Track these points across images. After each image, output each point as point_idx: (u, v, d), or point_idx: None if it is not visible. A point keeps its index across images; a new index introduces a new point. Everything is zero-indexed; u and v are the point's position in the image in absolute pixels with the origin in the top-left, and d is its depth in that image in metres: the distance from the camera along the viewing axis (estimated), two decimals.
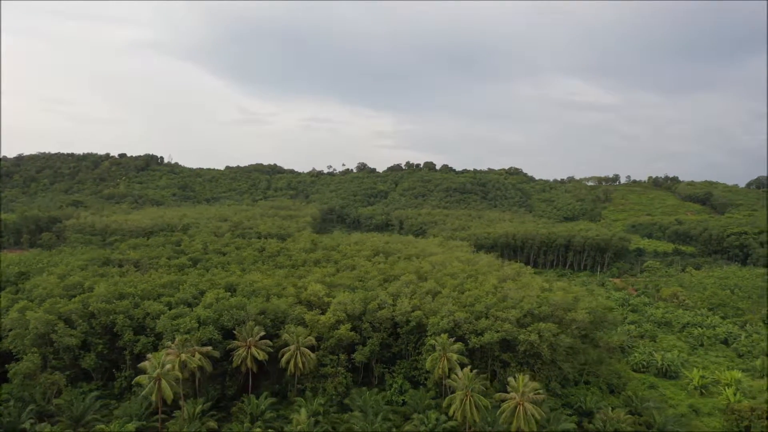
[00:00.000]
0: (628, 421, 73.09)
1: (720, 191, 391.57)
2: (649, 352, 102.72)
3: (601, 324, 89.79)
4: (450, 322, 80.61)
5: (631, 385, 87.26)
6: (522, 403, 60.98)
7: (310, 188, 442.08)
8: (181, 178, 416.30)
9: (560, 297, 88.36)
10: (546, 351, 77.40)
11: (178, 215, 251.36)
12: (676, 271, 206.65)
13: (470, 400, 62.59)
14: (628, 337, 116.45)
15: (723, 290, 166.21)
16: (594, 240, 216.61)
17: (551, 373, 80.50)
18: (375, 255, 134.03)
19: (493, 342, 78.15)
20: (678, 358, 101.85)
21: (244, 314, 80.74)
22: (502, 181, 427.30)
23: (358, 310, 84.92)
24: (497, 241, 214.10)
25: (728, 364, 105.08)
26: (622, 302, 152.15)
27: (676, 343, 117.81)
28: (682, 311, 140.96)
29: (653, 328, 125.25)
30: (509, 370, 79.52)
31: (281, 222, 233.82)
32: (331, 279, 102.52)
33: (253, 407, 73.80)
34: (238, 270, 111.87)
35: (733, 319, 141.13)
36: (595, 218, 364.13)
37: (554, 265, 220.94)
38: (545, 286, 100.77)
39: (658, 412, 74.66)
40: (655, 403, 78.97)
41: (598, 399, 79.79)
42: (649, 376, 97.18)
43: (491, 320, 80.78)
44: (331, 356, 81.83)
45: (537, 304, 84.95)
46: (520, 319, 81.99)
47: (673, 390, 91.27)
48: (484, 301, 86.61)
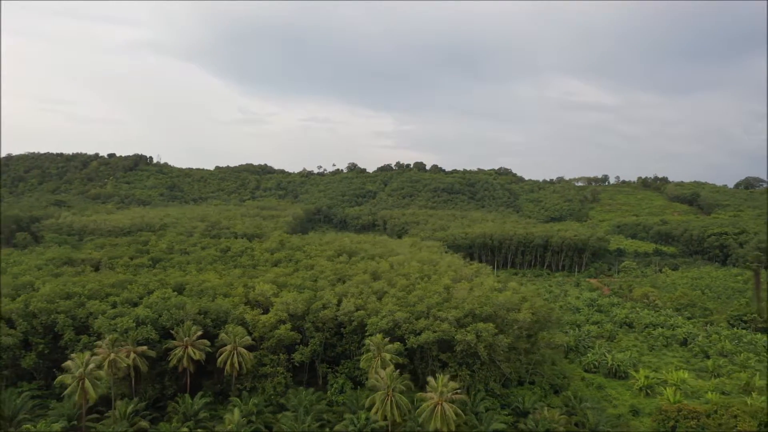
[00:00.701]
0: (561, 421, 73.01)
1: (708, 192, 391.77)
2: (602, 353, 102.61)
3: (545, 324, 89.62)
4: (389, 322, 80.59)
5: (574, 386, 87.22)
6: (441, 402, 60.93)
7: (299, 188, 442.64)
8: (170, 178, 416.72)
9: (505, 297, 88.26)
10: (483, 351, 77.33)
11: (161, 215, 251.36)
12: (652, 272, 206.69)
13: (391, 399, 62.56)
14: (587, 337, 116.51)
15: (694, 290, 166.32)
16: (572, 240, 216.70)
17: (490, 373, 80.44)
18: (338, 255, 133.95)
19: (431, 342, 78.10)
20: (630, 358, 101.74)
21: (183, 314, 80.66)
22: (491, 182, 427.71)
23: (300, 310, 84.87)
24: (474, 242, 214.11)
25: (682, 364, 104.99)
26: (589, 302, 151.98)
27: (635, 344, 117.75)
28: (647, 312, 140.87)
29: (614, 328, 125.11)
30: (448, 370, 79.49)
31: (261, 222, 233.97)
32: (284, 279, 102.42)
33: (186, 407, 73.76)
34: (195, 270, 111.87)
35: (699, 319, 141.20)
36: (581, 218, 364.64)
37: (532, 265, 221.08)
38: (497, 286, 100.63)
39: (592, 413, 74.58)
40: (592, 404, 78.94)
41: (537, 399, 79.73)
42: (598, 377, 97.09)
43: (431, 320, 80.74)
44: (271, 356, 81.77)
45: (479, 305, 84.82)
46: (460, 319, 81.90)
47: (619, 390, 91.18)
48: (427, 302, 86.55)
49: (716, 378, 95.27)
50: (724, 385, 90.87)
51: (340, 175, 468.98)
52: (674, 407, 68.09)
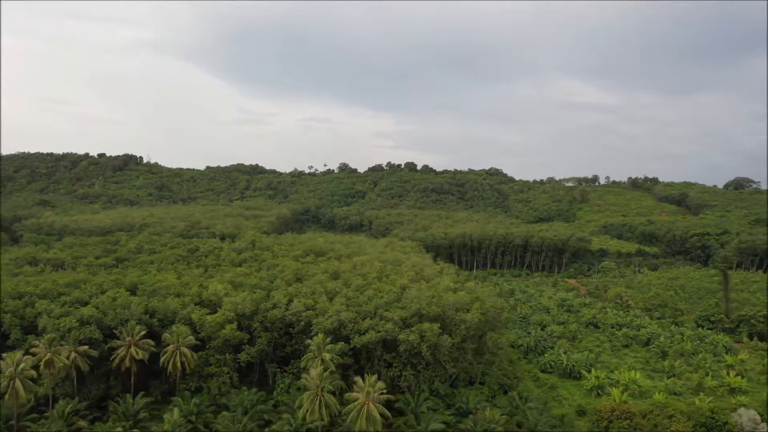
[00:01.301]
0: (501, 421, 72.95)
1: (696, 192, 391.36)
2: (559, 353, 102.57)
3: (493, 324, 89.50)
4: (335, 322, 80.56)
5: (523, 386, 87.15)
6: (367, 403, 60.90)
7: (289, 188, 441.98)
8: (159, 178, 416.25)
9: (454, 297, 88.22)
10: (426, 351, 77.28)
11: (144, 215, 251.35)
12: (631, 272, 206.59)
13: (320, 399, 62.53)
14: (549, 337, 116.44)
15: (668, 291, 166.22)
16: (551, 240, 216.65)
17: (435, 373, 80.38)
18: (306, 255, 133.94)
19: (375, 342, 78.07)
20: (587, 359, 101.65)
21: (127, 314, 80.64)
22: (481, 182, 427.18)
23: (249, 310, 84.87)
24: (453, 242, 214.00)
25: (640, 364, 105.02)
26: (560, 303, 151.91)
27: (598, 344, 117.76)
28: (615, 312, 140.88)
29: (579, 328, 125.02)
30: (392, 370, 79.52)
31: (242, 222, 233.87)
32: (242, 279, 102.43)
33: (126, 407, 73.71)
34: (155, 270, 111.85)
35: (668, 319, 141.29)
36: (569, 219, 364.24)
37: (512, 265, 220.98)
38: (453, 286, 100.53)
39: (531, 413, 74.55)
40: (538, 404, 78.86)
41: (482, 399, 79.74)
42: (553, 377, 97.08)
43: (376, 320, 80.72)
44: (217, 356, 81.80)
45: (427, 305, 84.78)
46: (406, 319, 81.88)
47: (571, 390, 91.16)
48: (375, 302, 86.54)
49: (670, 378, 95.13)
50: (676, 386, 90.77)
51: (330, 175, 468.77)
52: (609, 407, 68.04)
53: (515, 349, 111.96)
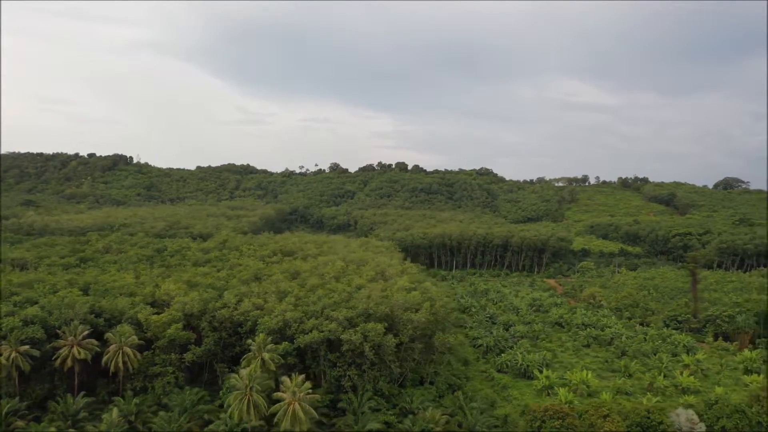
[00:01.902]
0: (441, 421, 73.01)
1: (685, 192, 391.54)
2: (515, 353, 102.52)
3: (442, 324, 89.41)
4: (279, 321, 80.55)
5: (471, 386, 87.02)
6: (293, 402, 60.87)
7: (279, 188, 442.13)
8: (149, 178, 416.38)
9: (404, 297, 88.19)
10: (369, 351, 77.25)
11: (128, 215, 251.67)
12: (609, 272, 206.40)
13: (249, 399, 62.48)
14: (511, 337, 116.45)
15: (642, 291, 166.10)
16: (531, 240, 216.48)
17: (380, 373, 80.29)
18: (274, 255, 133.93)
19: (319, 341, 78.03)
20: (543, 358, 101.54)
21: (72, 313, 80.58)
22: (470, 182, 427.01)
23: (197, 310, 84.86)
24: (433, 242, 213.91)
25: (598, 364, 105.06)
26: (532, 302, 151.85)
27: (561, 344, 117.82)
28: (583, 312, 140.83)
29: (544, 328, 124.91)
30: (336, 370, 79.46)
31: (224, 222, 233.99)
32: (199, 279, 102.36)
33: (66, 407, 73.66)
34: (115, 269, 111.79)
35: (637, 318, 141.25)
36: (558, 218, 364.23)
37: (492, 265, 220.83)
38: (409, 286, 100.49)
39: (471, 413, 74.56)
40: (482, 404, 78.90)
41: (427, 399, 79.64)
42: (507, 377, 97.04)
43: (320, 320, 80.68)
44: (163, 356, 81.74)
45: (375, 304, 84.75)
46: (352, 319, 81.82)
47: (523, 390, 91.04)
48: (324, 301, 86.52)
49: (622, 378, 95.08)
50: (626, 385, 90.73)
51: (321, 175, 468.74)
52: (542, 408, 67.99)
53: (476, 348, 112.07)
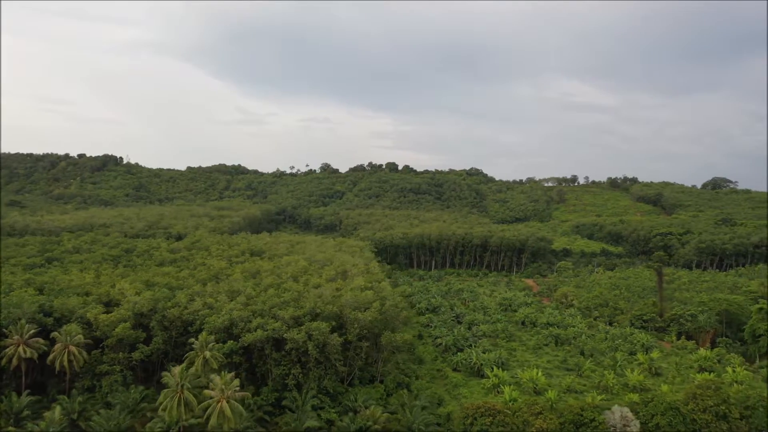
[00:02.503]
0: (381, 418, 73.83)
1: (672, 192, 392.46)
2: (470, 352, 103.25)
3: (390, 323, 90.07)
4: (226, 320, 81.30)
5: (418, 384, 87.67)
6: (222, 400, 61.63)
7: (269, 188, 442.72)
8: (138, 179, 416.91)
9: (353, 297, 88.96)
10: (313, 350, 78.01)
11: (112, 215, 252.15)
12: (587, 272, 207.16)
13: (180, 397, 63.22)
14: (472, 336, 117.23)
15: (613, 290, 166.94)
16: (510, 240, 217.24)
17: (325, 371, 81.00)
18: (242, 254, 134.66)
19: (263, 340, 78.78)
20: (499, 357, 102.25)
21: (20, 312, 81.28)
22: (459, 182, 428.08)
23: (146, 309, 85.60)
24: (412, 242, 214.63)
25: (556, 362, 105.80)
26: (502, 302, 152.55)
27: (522, 343, 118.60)
28: (551, 311, 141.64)
29: (507, 327, 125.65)
30: (281, 369, 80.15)
31: (206, 222, 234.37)
32: (157, 278, 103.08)
33: (10, 405, 74.34)
34: (77, 270, 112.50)
35: (605, 318, 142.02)
36: (545, 219, 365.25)
37: (471, 265, 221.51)
38: (364, 285, 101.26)
39: (413, 410, 75.33)
40: (425, 401, 79.64)
41: (370, 398, 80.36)
42: (461, 375, 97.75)
43: (266, 319, 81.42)
44: (112, 354, 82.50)
45: (323, 304, 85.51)
46: (299, 318, 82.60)
47: (474, 389, 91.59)
48: (273, 300, 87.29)
49: (575, 376, 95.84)
50: (576, 384, 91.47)
51: (311, 176, 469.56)
52: (474, 405, 68.73)
53: (436, 347, 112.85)
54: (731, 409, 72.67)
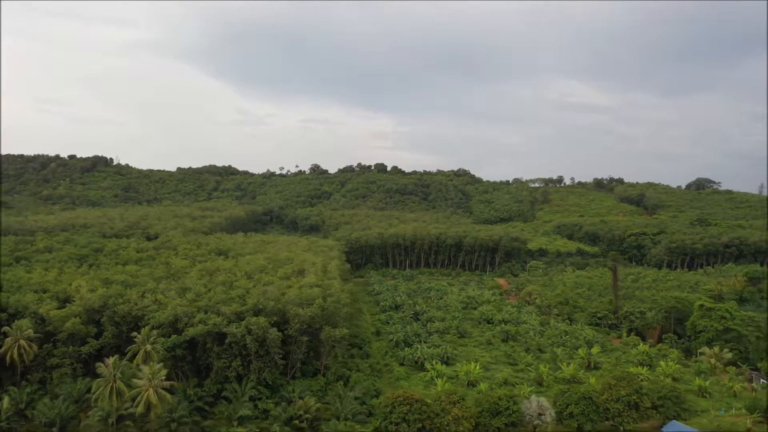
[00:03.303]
0: (313, 408, 77.98)
1: (656, 193, 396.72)
2: (416, 348, 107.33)
3: (331, 319, 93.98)
4: (170, 315, 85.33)
5: (356, 377, 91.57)
6: (149, 388, 65.68)
7: (258, 189, 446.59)
8: (127, 180, 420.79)
9: (296, 293, 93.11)
10: (252, 344, 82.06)
11: (97, 215, 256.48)
12: (557, 272, 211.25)
13: (112, 386, 67.27)
14: (426, 332, 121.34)
15: (577, 289, 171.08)
16: (483, 240, 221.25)
17: (264, 364, 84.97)
18: (209, 254, 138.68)
19: (204, 334, 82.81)
20: (444, 352, 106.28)
21: None
22: (446, 183, 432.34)
23: (97, 305, 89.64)
24: (386, 242, 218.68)
25: (502, 358, 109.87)
26: (465, 300, 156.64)
27: (474, 339, 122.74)
28: (510, 309, 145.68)
29: (462, 324, 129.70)
30: (223, 361, 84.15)
31: (187, 223, 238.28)
32: (117, 276, 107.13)
33: None
34: (40, 268, 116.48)
35: (563, 315, 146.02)
36: (528, 219, 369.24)
37: (445, 265, 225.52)
38: (315, 282, 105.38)
39: (345, 401, 79.45)
40: (359, 393, 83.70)
41: (307, 389, 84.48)
42: (406, 369, 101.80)
43: (209, 314, 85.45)
44: (63, 348, 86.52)
45: (266, 300, 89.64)
46: (241, 313, 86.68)
47: (414, 382, 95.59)
48: (219, 297, 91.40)
49: (511, 370, 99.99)
50: (511, 377, 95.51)
51: (300, 176, 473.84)
52: (394, 395, 72.83)
53: (388, 343, 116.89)
54: (643, 399, 76.78)
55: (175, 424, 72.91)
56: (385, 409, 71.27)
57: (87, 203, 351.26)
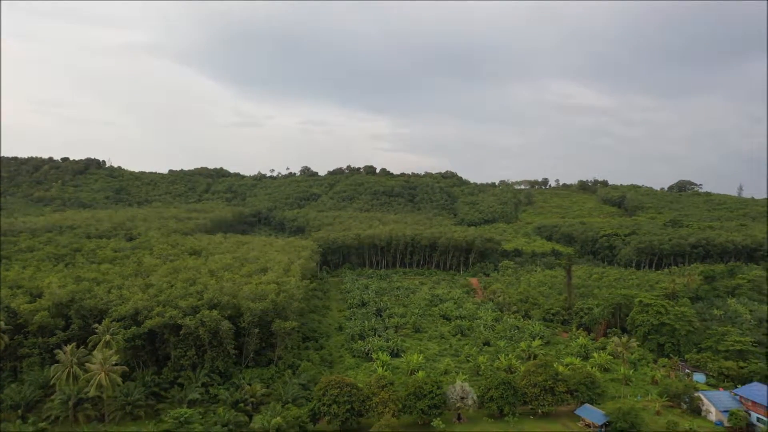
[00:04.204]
0: (259, 393, 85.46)
1: (637, 195, 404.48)
2: (368, 341, 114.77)
3: (284, 313, 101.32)
4: (131, 309, 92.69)
5: (305, 365, 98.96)
6: (101, 372, 73.05)
7: (249, 191, 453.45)
8: (119, 182, 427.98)
9: (250, 289, 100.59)
10: (204, 335, 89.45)
11: (85, 217, 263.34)
12: (527, 271, 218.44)
13: (69, 371, 74.61)
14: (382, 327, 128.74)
15: (539, 287, 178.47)
16: (457, 241, 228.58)
17: (217, 353, 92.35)
18: (182, 253, 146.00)
19: (161, 325, 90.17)
20: (396, 344, 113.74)
21: None
22: (432, 185, 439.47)
23: (65, 299, 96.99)
24: (363, 242, 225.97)
25: (449, 350, 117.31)
26: (430, 297, 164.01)
27: (428, 332, 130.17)
28: (470, 305, 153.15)
29: (419, 320, 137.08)
30: (179, 351, 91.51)
31: (173, 224, 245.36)
32: (87, 274, 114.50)
33: None
34: (18, 266, 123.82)
35: (521, 312, 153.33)
36: (511, 220, 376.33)
37: (420, 265, 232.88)
38: (274, 280, 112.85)
39: (288, 386, 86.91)
40: (305, 380, 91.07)
41: (257, 376, 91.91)
42: (356, 360, 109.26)
43: (167, 308, 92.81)
44: (33, 339, 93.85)
45: (221, 295, 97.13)
46: (197, 307, 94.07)
47: (362, 370, 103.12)
48: (178, 292, 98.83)
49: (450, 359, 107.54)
50: (451, 367, 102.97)
51: (290, 179, 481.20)
52: (327, 379, 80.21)
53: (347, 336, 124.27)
54: (558, 384, 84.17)
55: (131, 407, 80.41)
56: (319, 393, 78.60)
57: (78, 205, 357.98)
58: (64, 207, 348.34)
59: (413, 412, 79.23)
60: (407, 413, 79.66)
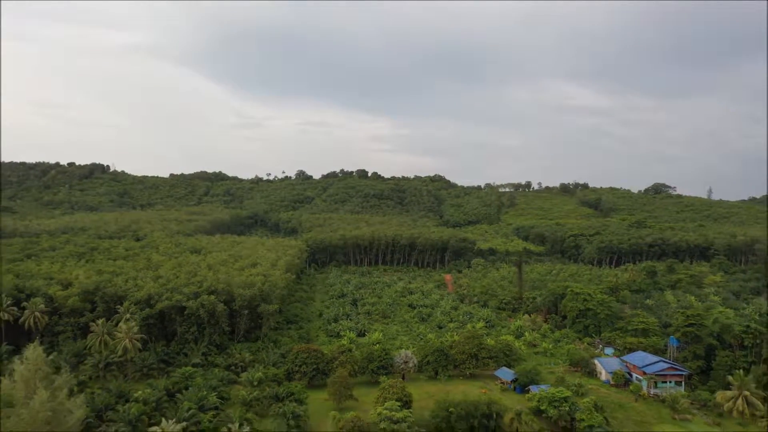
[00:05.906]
0: (247, 358, 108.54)
1: (615, 197, 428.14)
2: (340, 323, 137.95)
3: (268, 298, 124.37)
4: (145, 294, 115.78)
5: (284, 340, 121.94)
6: (126, 338, 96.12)
7: (246, 194, 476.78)
8: (123, 186, 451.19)
9: (241, 279, 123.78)
10: (203, 314, 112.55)
11: (93, 219, 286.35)
12: (496, 268, 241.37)
13: (101, 339, 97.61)
14: (355, 312, 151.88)
15: (501, 281, 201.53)
16: (433, 241, 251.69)
17: (214, 330, 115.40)
18: (183, 251, 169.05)
19: (169, 307, 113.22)
20: (363, 326, 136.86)
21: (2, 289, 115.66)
22: (421, 188, 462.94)
23: (91, 287, 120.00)
24: (347, 242, 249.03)
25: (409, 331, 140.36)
26: (402, 290, 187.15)
27: (394, 317, 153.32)
28: (436, 296, 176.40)
29: (388, 308, 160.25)
30: (183, 327, 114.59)
31: (174, 225, 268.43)
32: (107, 267, 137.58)
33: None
34: (48, 262, 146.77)
35: (480, 302, 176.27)
36: (494, 222, 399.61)
37: (401, 263, 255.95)
38: (261, 273, 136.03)
39: (269, 354, 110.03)
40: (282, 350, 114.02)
41: (245, 348, 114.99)
42: (330, 338, 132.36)
43: (173, 293, 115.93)
44: (66, 319, 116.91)
45: (217, 283, 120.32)
46: (198, 293, 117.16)
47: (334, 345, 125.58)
48: (182, 281, 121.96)
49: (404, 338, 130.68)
50: (405, 343, 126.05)
51: (286, 182, 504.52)
52: (297, 347, 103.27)
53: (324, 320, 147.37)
54: (481, 351, 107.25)
55: (147, 369, 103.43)
56: (292, 356, 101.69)
57: (85, 208, 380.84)
58: (72, 210, 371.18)
59: (366, 372, 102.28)
60: (361, 373, 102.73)
